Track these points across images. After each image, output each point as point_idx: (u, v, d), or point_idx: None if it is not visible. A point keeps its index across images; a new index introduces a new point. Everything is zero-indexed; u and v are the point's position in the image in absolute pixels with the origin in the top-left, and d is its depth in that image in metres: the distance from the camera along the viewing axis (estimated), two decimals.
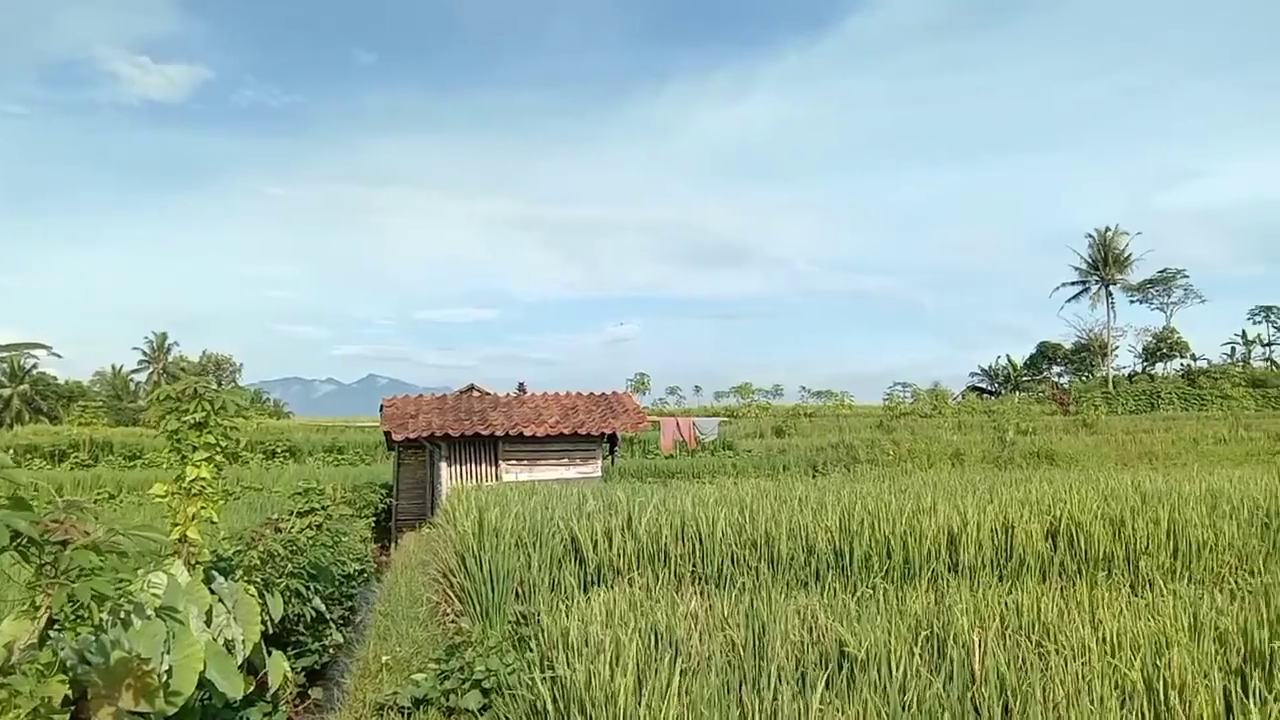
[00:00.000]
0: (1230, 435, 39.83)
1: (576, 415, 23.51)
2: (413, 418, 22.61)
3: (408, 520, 24.58)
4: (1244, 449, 35.52)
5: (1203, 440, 37.90)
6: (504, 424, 22.49)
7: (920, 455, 32.21)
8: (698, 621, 6.64)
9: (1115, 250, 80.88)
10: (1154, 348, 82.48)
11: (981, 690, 5.02)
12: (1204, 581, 9.48)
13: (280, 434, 45.21)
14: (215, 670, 5.27)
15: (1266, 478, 14.24)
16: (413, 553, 16.14)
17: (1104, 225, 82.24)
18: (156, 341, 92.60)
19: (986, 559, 9.86)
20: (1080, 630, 5.86)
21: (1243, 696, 4.75)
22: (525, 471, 22.48)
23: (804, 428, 51.21)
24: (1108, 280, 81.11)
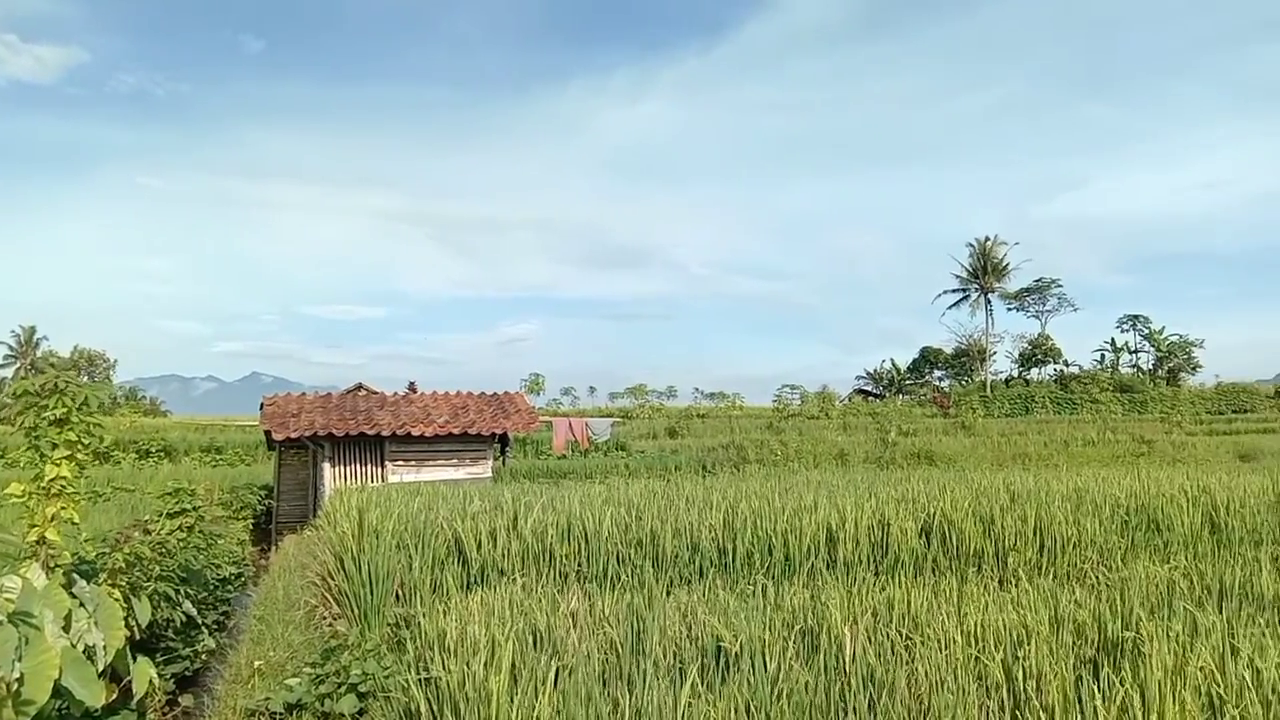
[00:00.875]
0: (1099, 438, 41.87)
1: (467, 415, 23.23)
2: (294, 416, 21.97)
3: (289, 522, 23.89)
4: (1111, 451, 37.38)
5: (1073, 442, 39.72)
6: (391, 423, 22.06)
7: (807, 455, 32.89)
8: (577, 620, 6.63)
9: (994, 259, 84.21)
10: (1029, 354, 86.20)
11: (850, 682, 5.14)
12: (1068, 576, 9.93)
13: (155, 433, 43.38)
14: (73, 677, 5.01)
15: (1128, 478, 15.00)
16: (293, 555, 15.70)
17: (984, 235, 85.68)
18: (24, 336, 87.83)
19: (864, 555, 10.12)
20: (947, 623, 6.05)
21: (1093, 684, 4.96)
22: (413, 472, 22.09)
23: (697, 428, 51.75)
24: (987, 288, 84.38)
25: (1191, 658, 5.10)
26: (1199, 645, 5.31)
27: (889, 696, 4.89)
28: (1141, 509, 11.55)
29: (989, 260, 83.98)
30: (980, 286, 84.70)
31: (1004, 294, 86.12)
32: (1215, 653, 5.32)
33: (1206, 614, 6.36)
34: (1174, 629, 5.76)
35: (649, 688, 4.94)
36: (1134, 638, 5.48)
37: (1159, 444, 38.44)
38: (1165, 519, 11.33)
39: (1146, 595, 7.55)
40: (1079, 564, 10.29)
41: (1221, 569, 8.32)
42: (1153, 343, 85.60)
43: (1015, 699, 5.00)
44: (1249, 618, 6.43)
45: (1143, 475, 15.05)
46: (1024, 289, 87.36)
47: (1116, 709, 4.47)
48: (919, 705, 4.80)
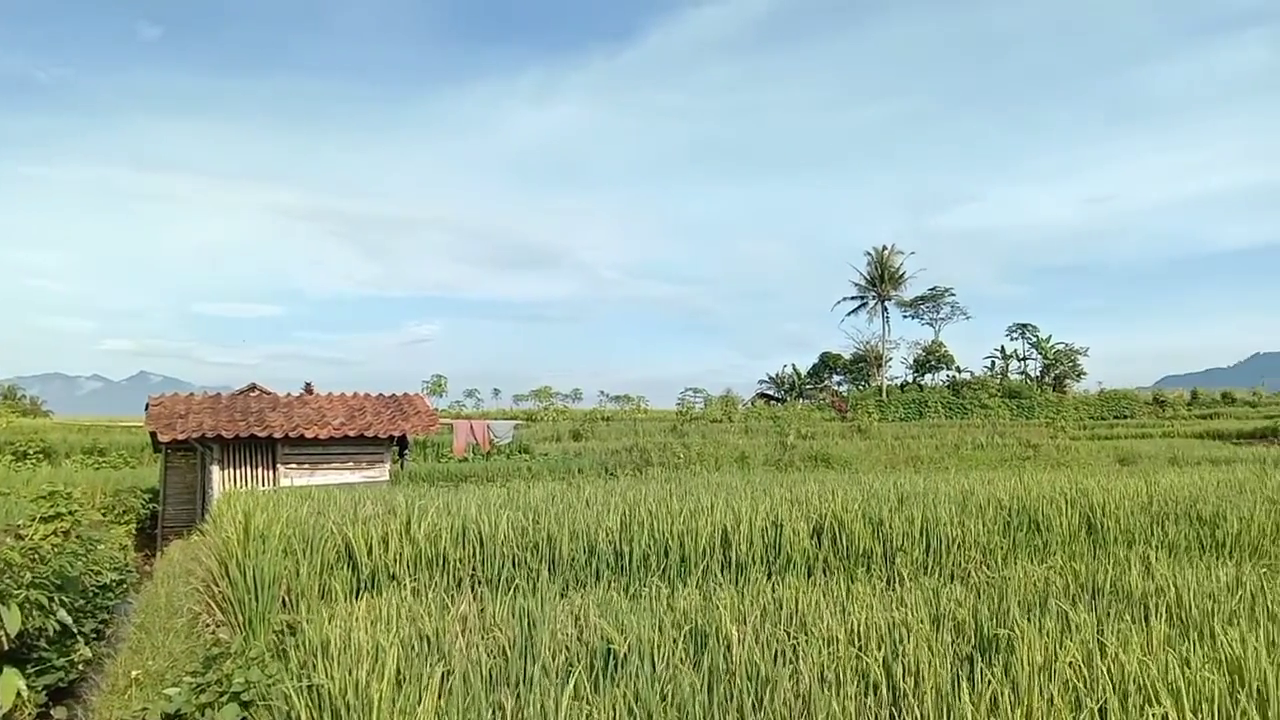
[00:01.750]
0: (987, 442, 43.30)
1: (363, 417, 22.77)
2: (182, 418, 21.21)
3: (176, 527, 23.03)
4: (998, 454, 38.65)
5: (963, 446, 40.99)
6: (283, 425, 21.46)
7: (709, 458, 33.15)
8: (467, 625, 6.55)
9: (891, 268, 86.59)
10: (923, 360, 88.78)
11: (736, 681, 5.19)
12: (952, 575, 10.22)
13: (34, 434, 41.31)
14: None
15: (1012, 481, 15.53)
16: (178, 562, 15.18)
17: (882, 244, 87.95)
18: None
19: (757, 556, 10.25)
20: (831, 622, 6.17)
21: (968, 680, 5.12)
22: (306, 476, 21.54)
23: (601, 431, 51.77)
24: (884, 296, 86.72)
25: (1061, 653, 5.30)
26: (1068, 641, 5.53)
27: (772, 695, 4.96)
28: (1023, 510, 11.96)
29: (886, 269, 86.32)
30: (878, 294, 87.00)
31: (900, 302, 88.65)
32: (1084, 648, 5.55)
33: (1079, 611, 6.62)
34: (1046, 626, 5.99)
35: (534, 691, 4.90)
36: (1008, 635, 5.67)
37: (1044, 448, 39.91)
38: (1045, 520, 11.76)
39: (1024, 594, 7.84)
40: (963, 564, 10.60)
41: (1094, 568, 8.69)
42: (1040, 351, 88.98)
43: (894, 695, 5.12)
44: (1117, 615, 6.73)
45: (1025, 478, 15.62)
46: (919, 297, 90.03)
47: (986, 704, 4.61)
48: (800, 703, 4.88)
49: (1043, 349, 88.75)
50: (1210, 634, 5.83)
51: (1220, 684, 4.68)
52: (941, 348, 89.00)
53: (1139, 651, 5.46)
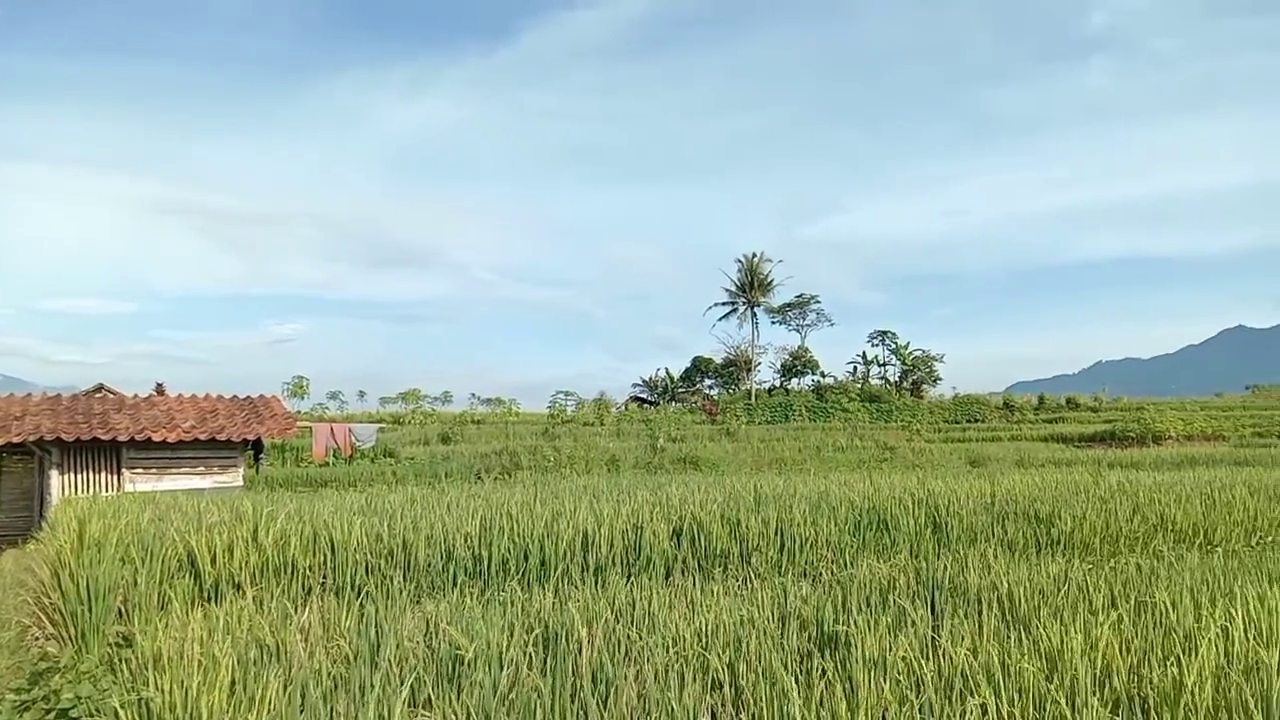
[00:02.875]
0: (848, 444, 44.80)
1: (216, 420, 21.86)
2: (17, 419, 19.93)
3: (10, 535, 21.64)
4: (857, 456, 40.02)
5: (825, 448, 42.28)
6: (129, 428, 20.42)
7: (580, 461, 33.20)
8: (311, 634, 6.36)
9: (760, 275, 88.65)
10: (790, 365, 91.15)
11: (582, 683, 5.20)
12: (804, 574, 10.52)
13: None
14: None
15: (864, 482, 16.10)
16: (10, 571, 14.27)
17: (752, 251, 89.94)
18: None
19: (617, 558, 10.31)
20: (679, 622, 6.26)
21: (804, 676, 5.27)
22: (153, 481, 20.55)
23: (471, 434, 51.17)
24: (753, 302, 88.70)
25: (895, 647, 5.52)
26: (902, 636, 5.76)
27: (616, 696, 4.99)
28: (873, 510, 12.40)
29: (756, 276, 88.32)
30: (748, 300, 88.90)
31: (769, 308, 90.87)
32: (919, 642, 5.79)
33: (916, 607, 6.91)
34: (885, 622, 6.23)
35: (371, 701, 4.80)
36: (846, 631, 5.86)
37: (900, 450, 41.55)
38: (893, 520, 12.22)
39: (868, 591, 8.13)
40: (815, 562, 10.92)
41: (935, 565, 9.08)
42: (899, 357, 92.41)
43: (736, 692, 5.23)
44: (953, 610, 7.04)
45: (876, 479, 16.20)
46: (786, 304, 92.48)
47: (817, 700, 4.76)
48: (641, 702, 4.93)
49: (901, 355, 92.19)
50: (1035, 627, 6.16)
51: (1037, 674, 4.96)
52: (807, 353, 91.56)
53: (968, 644, 5.73)
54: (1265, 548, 12.78)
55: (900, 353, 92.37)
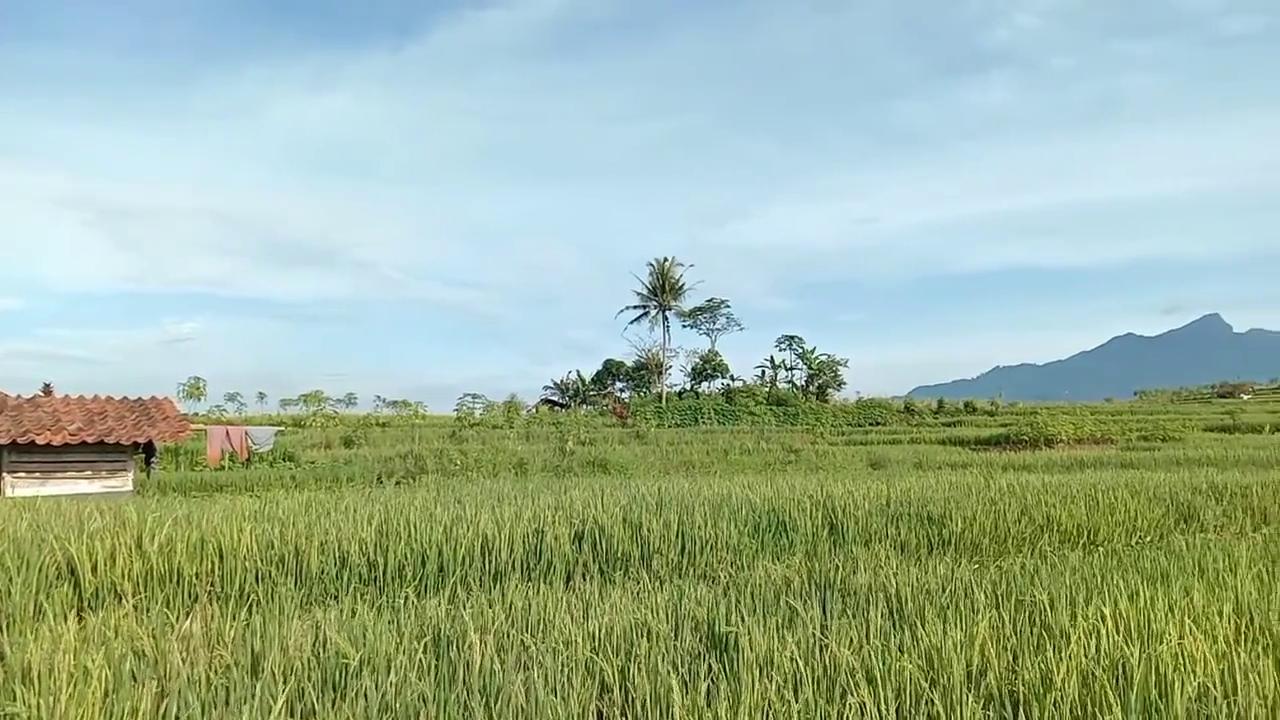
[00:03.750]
0: (754, 447, 45.40)
1: (104, 422, 21.02)
2: None
3: None
4: (764, 459, 40.63)
5: (732, 451, 42.78)
6: (10, 430, 19.50)
7: (486, 465, 32.92)
8: (192, 643, 6.17)
9: (672, 279, 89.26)
10: (700, 368, 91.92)
11: (471, 690, 5.16)
12: (703, 576, 10.61)
13: None
14: None
15: (766, 485, 16.36)
16: None
17: (664, 255, 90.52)
18: None
19: (518, 563, 10.25)
20: (571, 626, 6.26)
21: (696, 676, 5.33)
22: (36, 486, 19.65)
23: (376, 438, 50.24)
24: (665, 306, 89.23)
25: (782, 647, 5.61)
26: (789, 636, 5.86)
27: (505, 701, 4.97)
28: (773, 512, 12.60)
29: (667, 280, 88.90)
30: (659, 304, 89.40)
31: (680, 312, 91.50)
32: (807, 642, 5.90)
33: (808, 607, 7.04)
34: (774, 623, 6.34)
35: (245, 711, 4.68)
36: (736, 633, 5.94)
37: (805, 453, 42.29)
38: (792, 521, 12.43)
39: (764, 592, 8.25)
40: (715, 565, 11.03)
41: (828, 566, 9.26)
42: (805, 361, 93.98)
43: (625, 694, 5.25)
44: (842, 610, 7.19)
45: (778, 482, 16.47)
46: (697, 308, 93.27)
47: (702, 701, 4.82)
48: (533, 708, 4.91)
49: (808, 360, 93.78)
50: (918, 626, 6.33)
51: (915, 672, 5.10)
52: (717, 357, 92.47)
53: (854, 643, 5.87)
54: (1144, 547, 13.36)
55: (807, 357, 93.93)
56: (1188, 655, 5.24)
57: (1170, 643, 5.44)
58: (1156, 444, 49.08)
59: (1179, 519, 15.13)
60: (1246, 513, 15.77)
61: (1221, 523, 15.29)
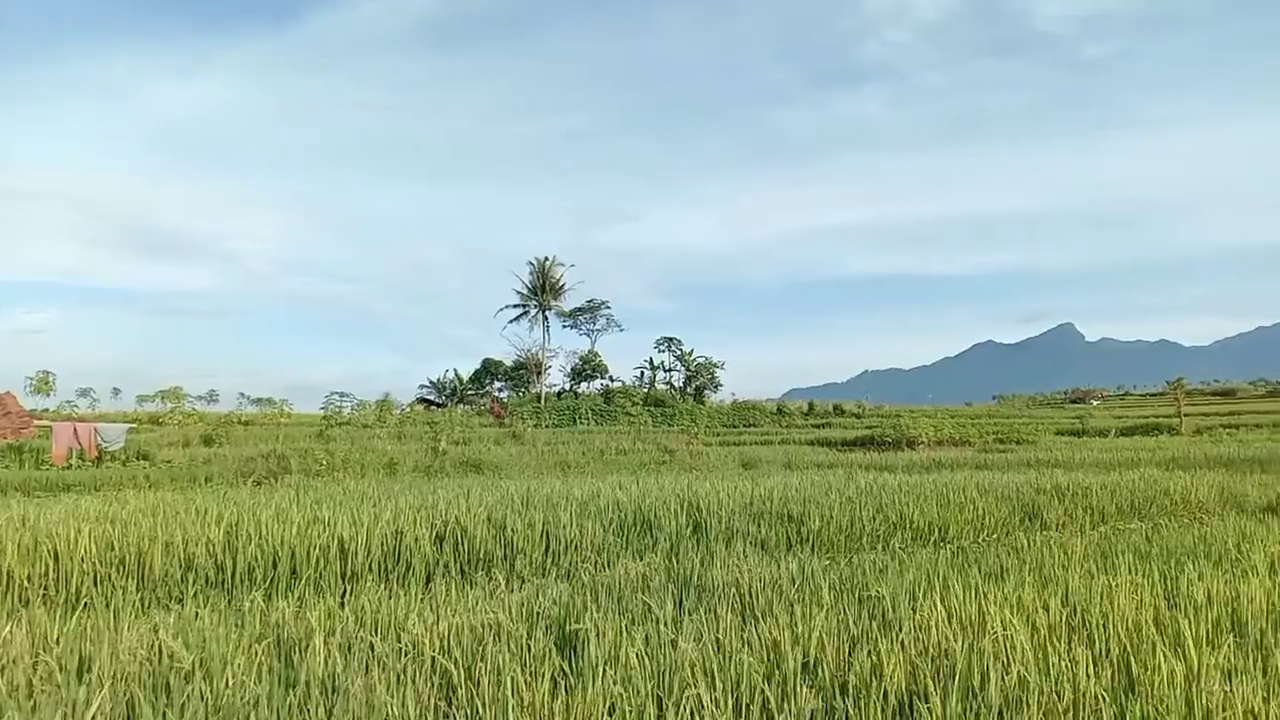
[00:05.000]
0: (630, 447, 45.66)
1: None
2: None
3: None
4: (639, 459, 40.88)
5: (608, 451, 42.92)
6: None
7: (354, 465, 32.13)
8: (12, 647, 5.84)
9: (552, 279, 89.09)
10: (580, 368, 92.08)
11: (311, 693, 5.05)
12: (567, 575, 10.64)
13: None
14: None
15: (635, 485, 16.49)
16: None
17: (544, 255, 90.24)
18: None
19: (375, 564, 10.07)
20: (419, 627, 6.20)
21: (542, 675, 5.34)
22: None
23: (238, 436, 48.46)
24: (545, 306, 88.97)
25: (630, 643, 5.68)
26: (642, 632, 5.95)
27: (345, 703, 4.88)
28: (639, 511, 12.74)
29: (548, 279, 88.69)
30: (539, 304, 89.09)
31: (560, 312, 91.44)
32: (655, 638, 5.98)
33: (663, 604, 7.13)
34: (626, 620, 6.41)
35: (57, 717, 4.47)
36: (585, 630, 5.98)
37: (680, 453, 42.76)
38: (657, 520, 12.59)
39: (622, 590, 8.32)
40: (579, 564, 11.07)
41: (686, 564, 9.41)
42: (684, 363, 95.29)
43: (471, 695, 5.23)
44: (693, 606, 7.33)
45: (646, 481, 16.63)
46: (578, 308, 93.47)
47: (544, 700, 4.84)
48: (369, 709, 4.84)
49: (686, 361, 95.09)
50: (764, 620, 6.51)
51: (755, 665, 5.25)
52: (597, 358, 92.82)
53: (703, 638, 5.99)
54: (989, 544, 14.03)
55: (685, 359, 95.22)
56: (1009, 646, 5.54)
57: (995, 633, 5.74)
58: (1011, 446, 51.53)
59: (1024, 517, 15.91)
60: (1086, 512, 16.68)
61: (1063, 521, 16.14)
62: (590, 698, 4.79)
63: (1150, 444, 47.44)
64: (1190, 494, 17.67)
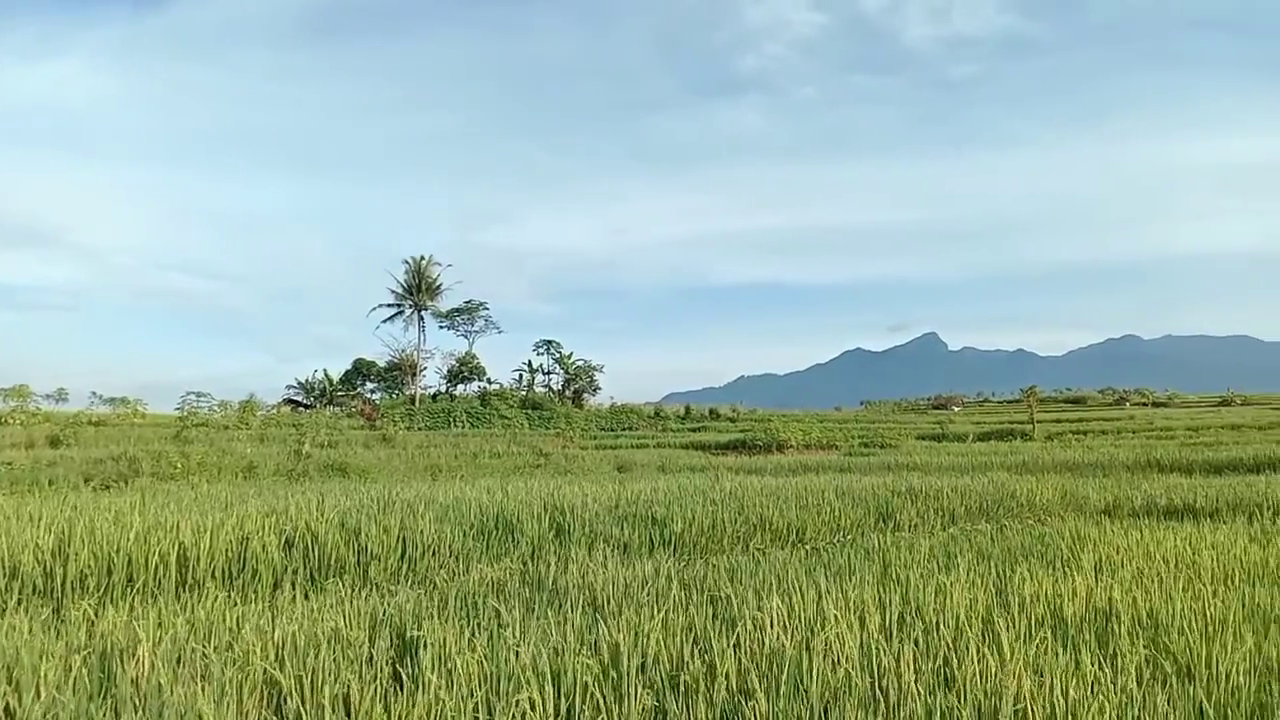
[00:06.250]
0: (504, 450, 45.28)
1: None
2: None
3: None
4: (513, 463, 40.56)
5: (481, 455, 42.45)
6: None
7: (211, 468, 30.90)
8: None
9: (429, 278, 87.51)
10: (457, 370, 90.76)
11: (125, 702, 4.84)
12: (424, 580, 10.47)
13: None
14: None
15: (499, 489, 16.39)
16: None
17: (420, 254, 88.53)
18: None
19: (219, 571, 9.71)
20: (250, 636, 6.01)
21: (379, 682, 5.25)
22: None
23: (88, 438, 45.91)
24: (420, 305, 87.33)
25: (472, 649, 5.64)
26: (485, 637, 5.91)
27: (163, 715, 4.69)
28: (500, 515, 12.65)
29: (424, 278, 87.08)
30: (415, 303, 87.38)
31: (436, 312, 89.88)
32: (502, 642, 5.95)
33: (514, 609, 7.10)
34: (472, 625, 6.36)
35: None
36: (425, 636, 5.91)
37: (555, 457, 42.65)
38: (519, 524, 12.52)
39: (476, 595, 8.24)
40: (436, 569, 10.91)
41: (540, 568, 9.40)
42: (563, 366, 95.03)
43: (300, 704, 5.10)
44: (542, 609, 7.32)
45: (515, 484, 16.54)
46: (455, 309, 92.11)
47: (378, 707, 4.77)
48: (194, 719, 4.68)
49: (565, 364, 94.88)
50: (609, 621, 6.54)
51: (594, 665, 5.28)
52: (474, 359, 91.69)
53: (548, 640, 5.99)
54: (844, 545, 14.47)
55: (564, 362, 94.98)
56: (841, 644, 5.73)
57: (828, 632, 5.93)
58: (875, 450, 53.23)
59: (878, 518, 16.46)
60: (937, 513, 17.36)
61: (915, 522, 16.77)
62: (421, 704, 4.73)
63: (1005, 449, 49.72)
64: (1035, 497, 18.55)
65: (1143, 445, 44.97)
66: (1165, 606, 7.45)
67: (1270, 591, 8.58)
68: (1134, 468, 29.43)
